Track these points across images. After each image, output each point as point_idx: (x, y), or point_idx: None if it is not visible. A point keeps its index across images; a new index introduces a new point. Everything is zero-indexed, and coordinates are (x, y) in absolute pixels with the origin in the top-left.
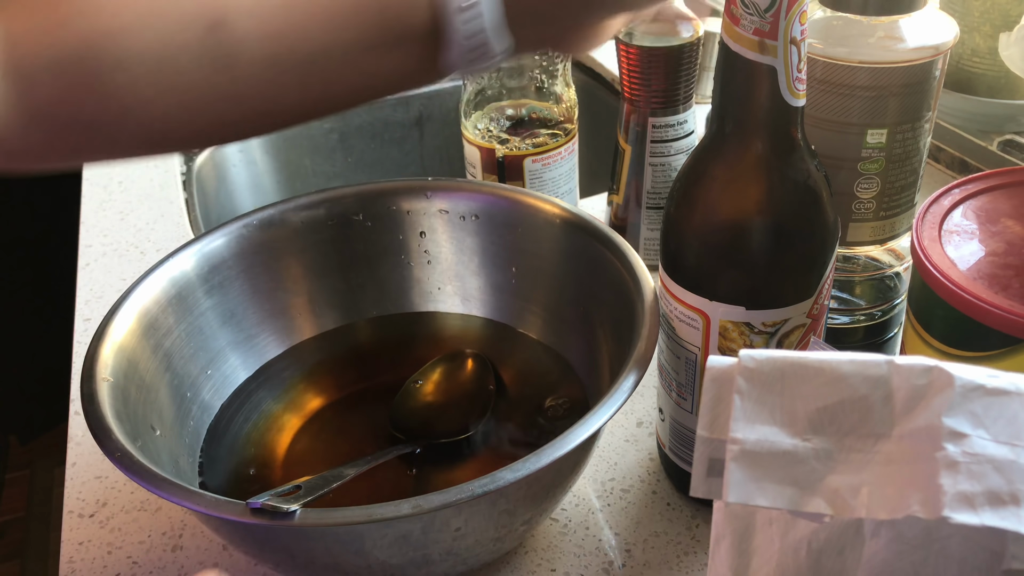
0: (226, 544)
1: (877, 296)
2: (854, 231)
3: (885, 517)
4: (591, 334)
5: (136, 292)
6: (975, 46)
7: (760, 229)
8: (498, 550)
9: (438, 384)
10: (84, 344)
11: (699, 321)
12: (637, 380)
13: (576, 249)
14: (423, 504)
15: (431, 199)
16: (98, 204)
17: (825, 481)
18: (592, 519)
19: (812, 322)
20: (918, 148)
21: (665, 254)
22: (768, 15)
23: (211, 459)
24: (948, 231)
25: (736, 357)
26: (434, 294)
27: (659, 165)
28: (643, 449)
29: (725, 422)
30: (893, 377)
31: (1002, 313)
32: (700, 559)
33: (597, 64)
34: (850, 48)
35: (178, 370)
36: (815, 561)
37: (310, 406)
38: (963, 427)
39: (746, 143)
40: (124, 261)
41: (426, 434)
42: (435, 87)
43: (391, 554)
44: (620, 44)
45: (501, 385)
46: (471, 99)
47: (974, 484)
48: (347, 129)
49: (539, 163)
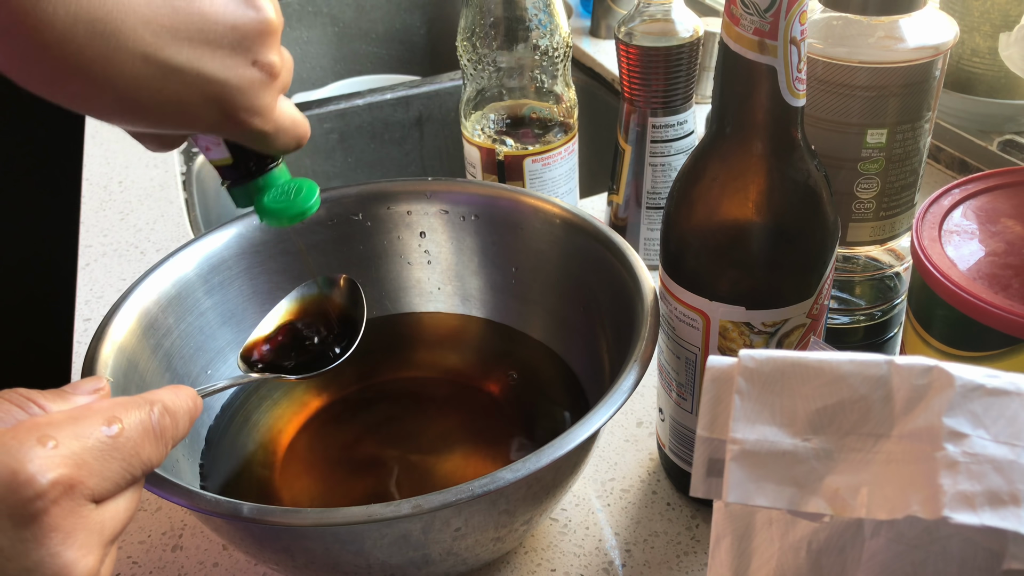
0: (226, 544)
1: (877, 296)
2: (854, 231)
3: (885, 517)
4: (591, 334)
5: (136, 292)
6: (975, 46)
7: (760, 229)
8: (498, 550)
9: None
10: (84, 344)
11: (699, 321)
12: (637, 380)
13: (576, 249)
14: (423, 504)
15: (431, 199)
16: (98, 204)
17: (825, 481)
18: (592, 519)
19: (812, 322)
20: (918, 148)
21: (665, 254)
22: (768, 15)
23: (211, 459)
24: (948, 231)
25: (736, 357)
26: (434, 294)
27: (659, 165)
28: (643, 449)
29: (725, 422)
30: (893, 377)
31: (1002, 313)
32: (700, 559)
33: (597, 64)
34: (850, 48)
35: (178, 370)
36: (815, 561)
37: (310, 406)
38: (963, 427)
39: (746, 143)
40: (124, 261)
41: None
42: (435, 87)
43: (391, 554)
44: (620, 44)
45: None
46: (471, 99)
47: (974, 484)
48: (347, 129)
49: (539, 163)
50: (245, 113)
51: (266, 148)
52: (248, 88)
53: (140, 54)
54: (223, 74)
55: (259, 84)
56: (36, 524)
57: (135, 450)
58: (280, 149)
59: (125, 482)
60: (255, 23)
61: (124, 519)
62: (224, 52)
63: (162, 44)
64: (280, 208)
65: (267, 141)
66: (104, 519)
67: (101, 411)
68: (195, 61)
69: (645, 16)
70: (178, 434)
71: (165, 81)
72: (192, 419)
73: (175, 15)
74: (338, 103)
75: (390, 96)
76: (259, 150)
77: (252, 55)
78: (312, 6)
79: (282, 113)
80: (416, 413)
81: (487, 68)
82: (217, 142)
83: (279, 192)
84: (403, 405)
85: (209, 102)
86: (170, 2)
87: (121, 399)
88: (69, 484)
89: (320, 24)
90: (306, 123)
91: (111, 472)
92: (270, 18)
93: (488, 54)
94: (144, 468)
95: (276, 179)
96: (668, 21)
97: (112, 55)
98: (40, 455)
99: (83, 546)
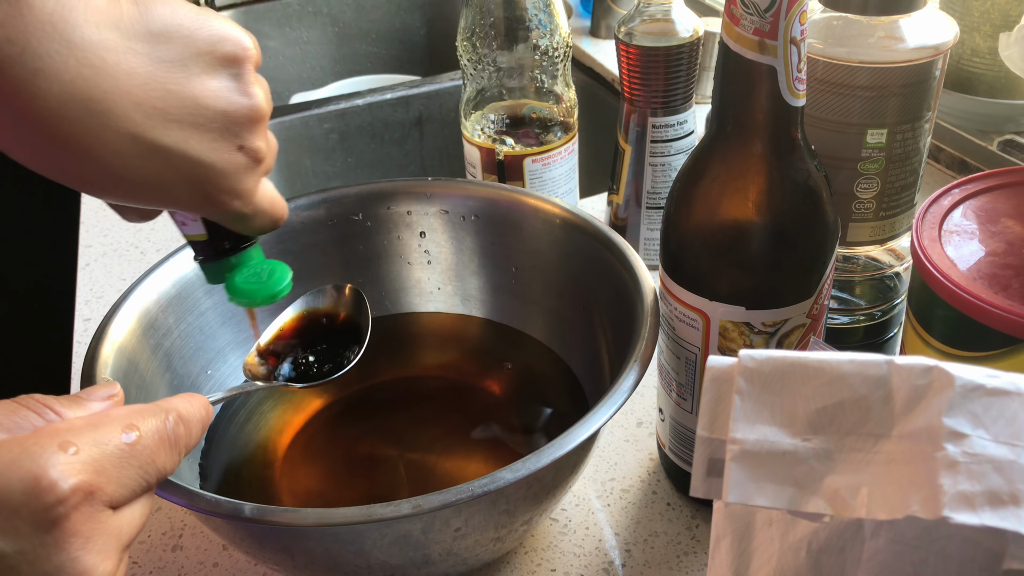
0: (226, 544)
1: (877, 296)
2: (854, 231)
3: (885, 517)
4: (591, 334)
5: (136, 292)
6: (975, 46)
7: (760, 229)
8: (498, 550)
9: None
10: (84, 344)
11: (699, 321)
12: (637, 380)
13: (576, 249)
14: (423, 504)
15: (431, 199)
16: (98, 204)
17: (825, 481)
18: (592, 519)
19: (812, 322)
20: (918, 148)
21: (665, 254)
22: (768, 15)
23: (211, 459)
24: (948, 231)
25: (736, 357)
26: (434, 294)
27: (659, 165)
28: (643, 449)
29: (725, 422)
30: (893, 377)
31: (1002, 313)
32: (700, 559)
33: (597, 64)
34: (850, 48)
35: (178, 370)
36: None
37: (310, 406)
38: (963, 427)
39: (746, 143)
40: (124, 261)
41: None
42: (435, 87)
43: (391, 554)
44: (620, 44)
45: (500, 385)
46: (471, 99)
47: (974, 484)
48: (347, 129)
49: (539, 163)
50: (226, 195)
51: (242, 229)
52: (232, 172)
53: (129, 134)
54: (208, 157)
55: (243, 168)
56: (57, 529)
57: (151, 457)
58: (256, 230)
59: (141, 489)
60: (245, 110)
61: (139, 525)
62: (212, 136)
63: (152, 125)
64: (251, 289)
65: (244, 222)
66: (121, 525)
67: (119, 418)
68: (182, 143)
69: (645, 16)
70: (191, 442)
71: (151, 160)
72: (204, 427)
73: (167, 98)
74: (338, 103)
75: (390, 96)
76: (236, 230)
77: (239, 140)
78: (312, 6)
79: (263, 195)
80: (416, 413)
81: (487, 68)
82: (194, 218)
83: (251, 272)
84: (403, 405)
85: (192, 183)
86: (164, 85)
87: (137, 407)
88: (89, 490)
89: (320, 24)
90: (284, 205)
91: (128, 479)
92: (260, 105)
93: (488, 54)
94: (159, 475)
95: (249, 258)
96: (668, 21)
97: (101, 133)
98: (61, 461)
99: (101, 551)
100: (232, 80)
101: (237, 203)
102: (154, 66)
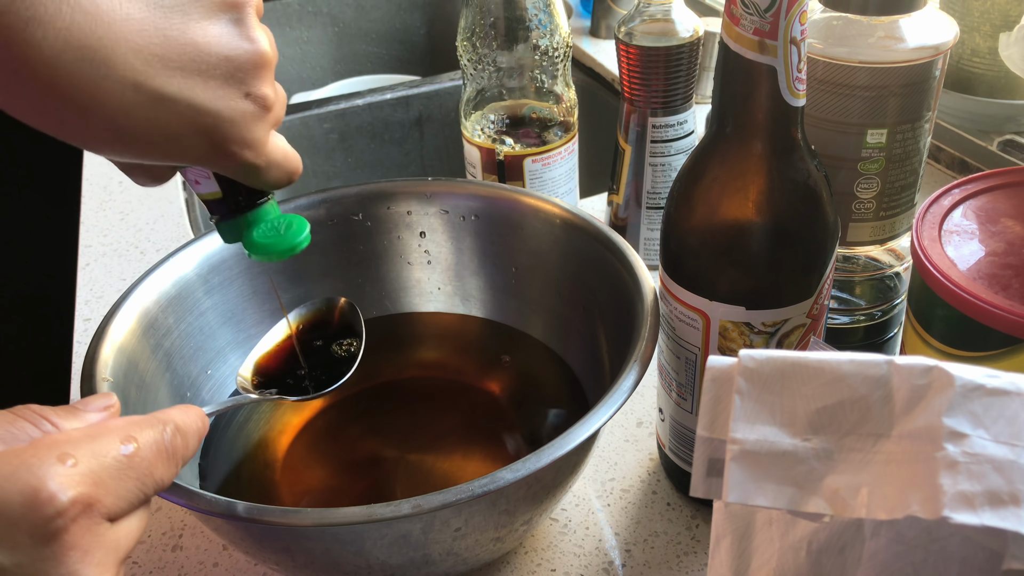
0: (226, 544)
1: (877, 296)
2: (854, 231)
3: (885, 517)
4: (591, 334)
5: (136, 292)
6: (975, 46)
7: (760, 229)
8: (498, 550)
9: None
10: (84, 344)
11: (699, 321)
12: (637, 380)
13: (576, 249)
14: (423, 504)
15: (431, 199)
16: (98, 204)
17: (825, 481)
18: (592, 519)
19: (812, 322)
20: (918, 148)
21: (665, 254)
22: (768, 15)
23: (211, 459)
24: (948, 231)
25: (736, 357)
26: (434, 294)
27: (659, 165)
28: (643, 449)
29: (725, 422)
30: (893, 377)
31: (1002, 313)
32: (700, 559)
33: (597, 64)
34: (850, 48)
35: (178, 370)
36: (815, 561)
37: (310, 407)
38: (963, 427)
39: (746, 143)
40: (124, 261)
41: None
42: (435, 87)
43: (391, 554)
44: (620, 44)
45: (500, 385)
46: (471, 99)
47: (974, 484)
48: (347, 129)
49: (539, 163)
50: (236, 146)
51: (256, 183)
52: (240, 120)
53: (130, 82)
54: (214, 105)
55: (251, 117)
56: (56, 542)
57: (149, 469)
58: (271, 184)
59: (138, 501)
60: (249, 55)
61: (136, 537)
62: (216, 83)
63: (153, 73)
64: (269, 243)
65: (258, 175)
66: (119, 537)
67: (117, 430)
68: (186, 91)
69: (645, 16)
70: (188, 454)
71: (155, 110)
72: (200, 439)
73: (167, 44)
74: (338, 103)
75: (390, 96)
76: (249, 185)
77: (245, 87)
78: (312, 6)
79: (274, 147)
80: (416, 413)
81: (487, 68)
82: (207, 176)
83: (268, 227)
84: (403, 405)
85: (200, 133)
86: (162, 31)
87: (134, 418)
88: (88, 502)
89: (320, 24)
90: (298, 158)
91: (126, 491)
92: (264, 50)
93: (488, 54)
94: (156, 487)
95: (266, 214)
96: (668, 21)
97: (102, 83)
98: (60, 473)
99: (100, 564)
100: (233, 25)
101: (248, 153)
102: (151, 11)
